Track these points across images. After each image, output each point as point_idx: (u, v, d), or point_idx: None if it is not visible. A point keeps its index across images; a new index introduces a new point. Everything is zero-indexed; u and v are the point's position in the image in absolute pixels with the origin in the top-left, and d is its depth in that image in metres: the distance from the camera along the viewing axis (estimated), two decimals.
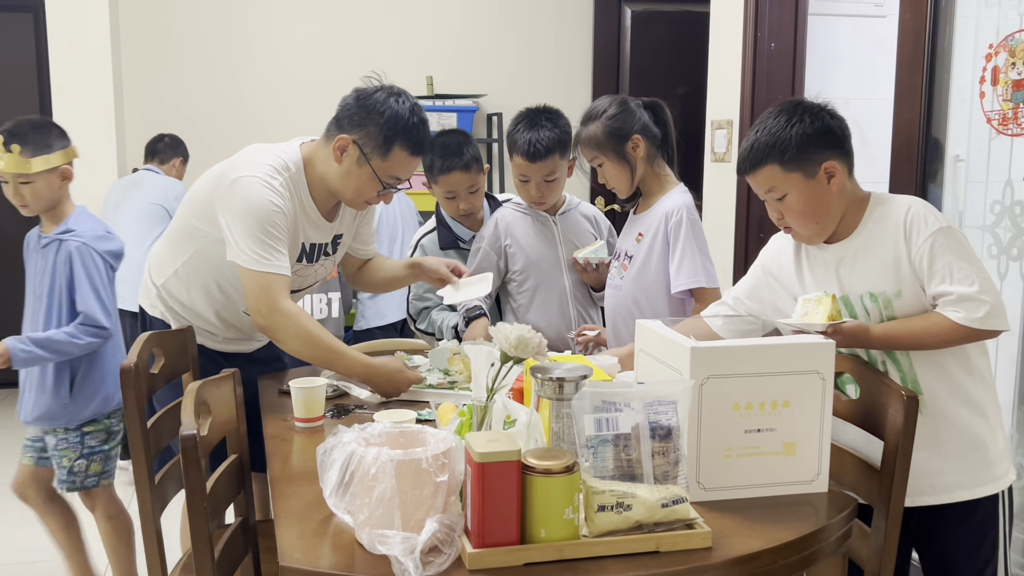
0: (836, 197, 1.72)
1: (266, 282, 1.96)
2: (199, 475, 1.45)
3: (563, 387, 1.41)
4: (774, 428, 1.49)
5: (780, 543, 1.34)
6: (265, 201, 1.99)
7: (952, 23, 2.45)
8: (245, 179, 2.00)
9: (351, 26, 4.57)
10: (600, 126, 2.27)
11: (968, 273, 1.62)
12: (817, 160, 1.69)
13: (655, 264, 2.27)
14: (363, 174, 2.04)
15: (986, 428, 1.72)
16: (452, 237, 2.68)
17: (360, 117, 2.02)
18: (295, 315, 1.99)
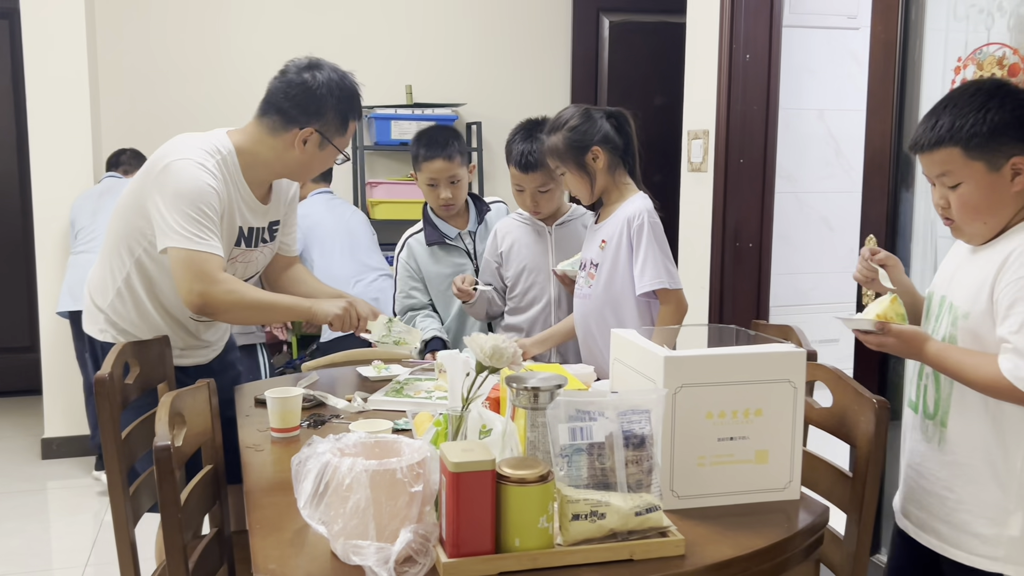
0: (1014, 198, 1.55)
1: (200, 260, 1.96)
2: (173, 486, 1.44)
3: (538, 396, 1.43)
4: (747, 436, 1.50)
5: (752, 550, 1.35)
6: (199, 181, 2.00)
7: (922, 36, 2.49)
8: (177, 162, 2.02)
9: (329, 34, 4.57)
10: (561, 137, 2.32)
11: None
12: (1006, 152, 1.52)
13: (622, 270, 2.30)
14: (325, 155, 2.15)
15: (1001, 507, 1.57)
16: (438, 235, 2.77)
17: (315, 106, 2.10)
18: (229, 283, 2.00)
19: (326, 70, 2.13)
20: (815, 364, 1.80)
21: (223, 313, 2.02)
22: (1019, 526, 1.56)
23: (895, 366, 2.59)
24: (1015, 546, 1.57)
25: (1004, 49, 2.19)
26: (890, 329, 1.60)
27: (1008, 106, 1.52)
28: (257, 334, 3.74)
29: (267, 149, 2.13)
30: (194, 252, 1.95)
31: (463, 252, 2.80)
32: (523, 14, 4.84)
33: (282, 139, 2.11)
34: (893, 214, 2.56)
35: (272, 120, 2.12)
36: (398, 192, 4.44)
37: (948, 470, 1.64)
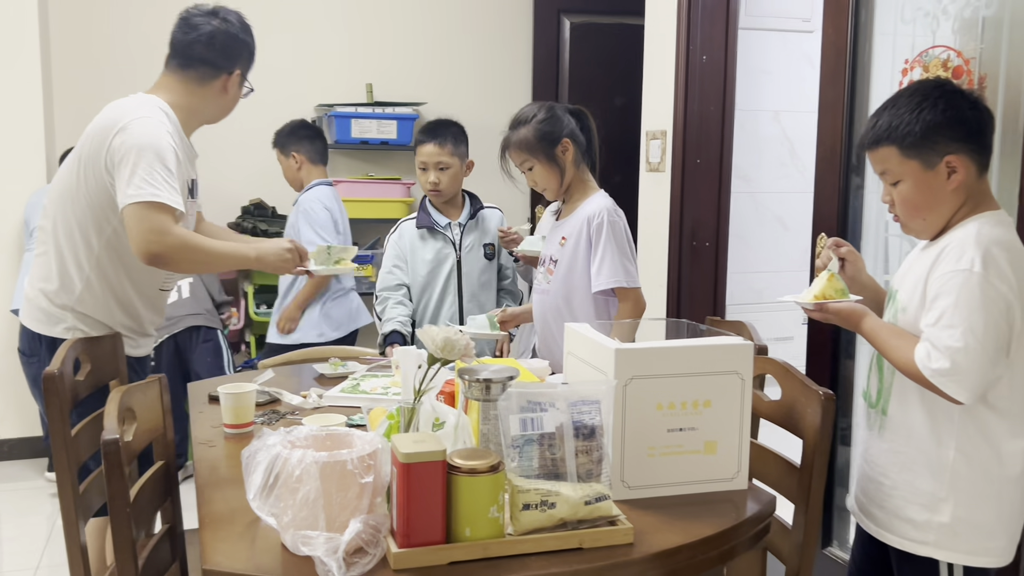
0: (951, 195, 1.59)
1: (159, 210, 1.98)
2: (122, 481, 1.43)
3: (490, 388, 1.44)
4: (696, 427, 1.53)
5: (699, 538, 1.37)
6: (163, 137, 2.05)
7: (871, 39, 2.54)
8: (136, 121, 2.04)
9: (289, 31, 4.54)
10: (531, 129, 2.35)
11: (961, 324, 1.50)
12: (940, 151, 1.57)
13: (580, 267, 2.33)
14: (240, 91, 2.29)
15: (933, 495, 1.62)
16: (428, 220, 2.89)
17: (236, 50, 2.23)
18: (181, 233, 2.03)
19: (229, 12, 2.25)
20: (765, 358, 1.83)
21: (176, 261, 2.05)
22: (949, 513, 1.61)
23: (846, 362, 2.64)
24: (944, 532, 1.61)
25: (949, 52, 2.24)
26: (827, 307, 1.69)
27: (941, 106, 1.57)
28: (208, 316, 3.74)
29: (199, 100, 2.21)
30: (152, 204, 1.97)
31: (448, 241, 2.88)
32: (484, 14, 4.85)
33: (212, 87, 2.21)
34: (844, 213, 2.61)
35: (199, 71, 2.19)
36: (358, 191, 4.43)
37: (886, 457, 1.70)
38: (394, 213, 4.51)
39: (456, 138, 2.87)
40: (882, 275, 2.60)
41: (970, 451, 1.59)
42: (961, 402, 1.53)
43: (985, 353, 1.50)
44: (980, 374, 1.51)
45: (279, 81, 4.50)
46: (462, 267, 2.86)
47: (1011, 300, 1.51)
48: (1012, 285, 1.51)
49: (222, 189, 4.26)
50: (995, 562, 1.62)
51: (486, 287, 2.90)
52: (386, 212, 4.47)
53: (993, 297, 1.50)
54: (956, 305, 1.51)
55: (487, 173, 4.54)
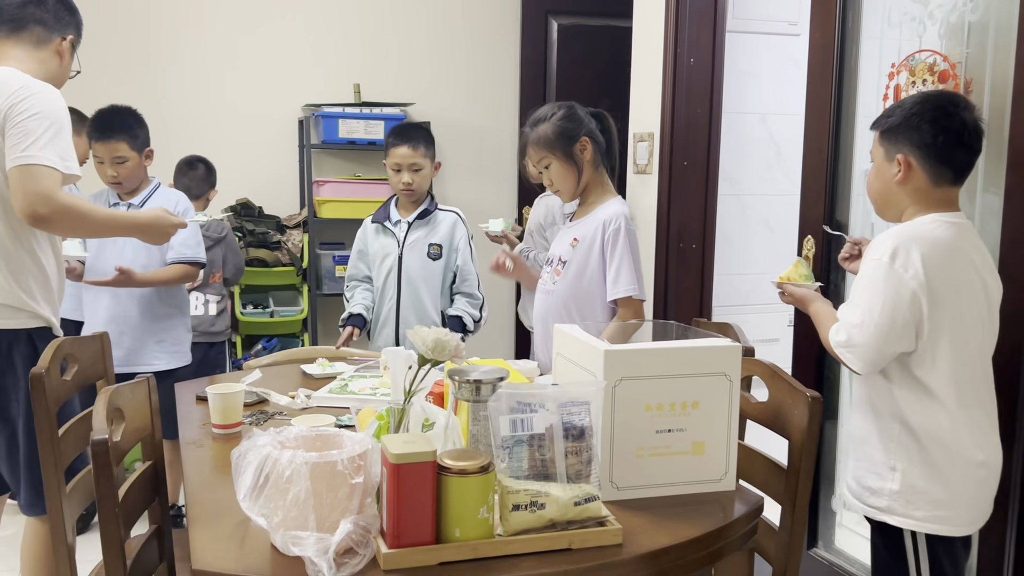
0: (899, 190, 1.80)
1: (54, 178, 1.99)
2: (111, 481, 1.42)
3: (480, 389, 1.44)
4: (684, 428, 1.54)
5: (687, 539, 1.38)
6: (63, 107, 2.07)
7: (858, 42, 2.56)
8: (42, 92, 2.04)
9: (277, 32, 4.53)
10: (550, 126, 2.35)
11: (863, 305, 1.74)
12: (897, 148, 1.79)
13: (591, 272, 2.32)
14: (71, 61, 2.26)
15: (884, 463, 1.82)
16: (383, 216, 3.02)
17: (67, 16, 2.21)
18: (72, 202, 2.04)
19: None
20: (752, 360, 1.84)
21: (62, 229, 2.09)
22: (899, 481, 1.80)
23: (831, 364, 2.66)
24: (896, 499, 1.80)
25: (935, 56, 2.26)
26: (785, 288, 1.99)
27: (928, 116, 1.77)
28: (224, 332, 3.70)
29: (36, 63, 2.16)
30: (52, 170, 1.99)
31: (393, 237, 2.98)
32: (472, 15, 4.85)
33: (46, 50, 2.18)
34: (830, 215, 2.63)
35: (33, 33, 2.16)
36: (345, 191, 4.42)
37: (855, 433, 1.91)
38: None
39: (427, 140, 2.98)
40: None
41: (913, 424, 1.78)
42: (857, 371, 1.80)
43: (879, 331, 1.72)
44: (874, 349, 1.74)
45: (266, 81, 4.49)
46: (402, 263, 2.95)
47: (916, 290, 1.70)
48: (920, 278, 1.70)
49: None
50: (953, 531, 1.78)
51: (429, 286, 2.96)
52: (367, 212, 4.46)
53: (895, 284, 1.70)
54: (864, 289, 1.75)
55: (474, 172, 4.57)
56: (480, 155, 4.85)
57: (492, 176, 4.87)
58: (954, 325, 1.73)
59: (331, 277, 4.41)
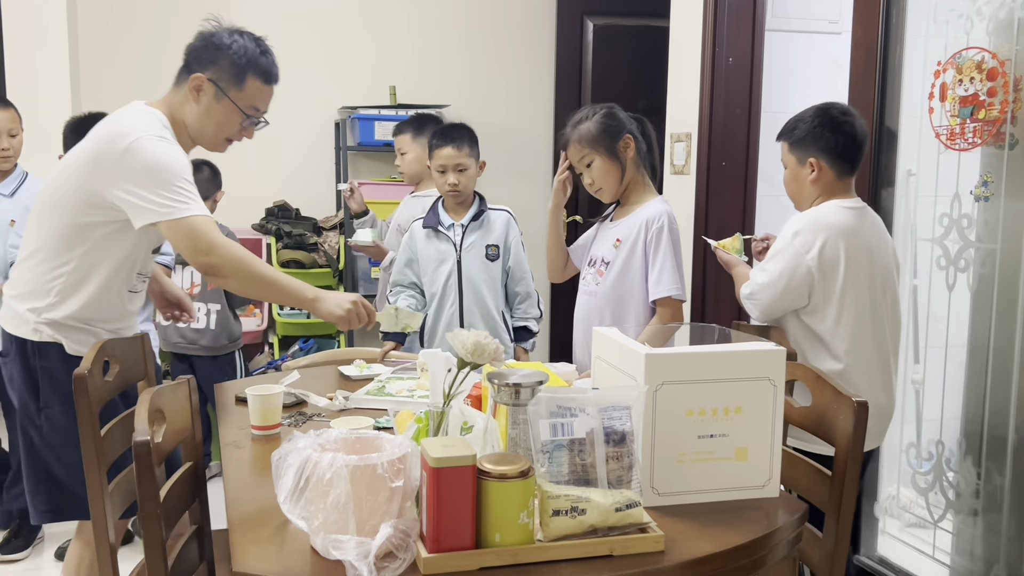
0: (812, 186, 2.24)
1: (197, 225, 1.93)
2: (152, 482, 1.43)
3: (519, 393, 1.43)
4: (726, 434, 1.51)
5: (731, 547, 1.36)
6: (171, 153, 1.98)
7: (902, 40, 2.51)
8: (139, 141, 1.95)
9: (314, 33, 4.56)
10: (594, 124, 2.35)
11: (768, 270, 2.19)
12: (809, 154, 2.22)
13: (635, 272, 2.30)
14: (223, 108, 2.09)
15: None
16: (434, 220, 2.95)
17: (209, 55, 2.08)
18: (236, 253, 1.97)
19: (238, 32, 2.14)
20: (795, 363, 1.82)
21: (228, 276, 1.97)
22: None
23: None
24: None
25: (983, 53, 2.21)
26: (718, 252, 2.38)
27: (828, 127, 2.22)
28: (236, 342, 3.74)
29: (177, 108, 2.10)
30: (190, 218, 1.92)
31: (449, 241, 2.91)
32: (507, 16, 4.85)
33: (183, 92, 2.09)
34: None
35: (179, 77, 2.12)
36: (381, 193, 4.43)
37: None
38: None
39: (471, 140, 2.94)
40: (910, 279, 2.58)
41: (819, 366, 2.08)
42: (755, 319, 2.25)
43: (775, 291, 2.17)
44: (768, 303, 2.20)
45: (303, 84, 4.52)
46: (462, 267, 2.89)
47: (809, 264, 2.14)
48: (813, 254, 2.14)
49: (246, 191, 4.28)
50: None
51: (489, 287, 2.92)
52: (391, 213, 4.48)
53: (793, 257, 2.15)
54: (771, 258, 2.19)
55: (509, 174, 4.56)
56: (515, 157, 4.83)
57: (526, 178, 4.86)
58: (843, 289, 2.15)
59: (367, 278, 4.43)
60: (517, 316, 2.97)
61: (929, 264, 2.48)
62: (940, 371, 2.52)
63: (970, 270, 2.34)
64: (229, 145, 2.20)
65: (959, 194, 2.36)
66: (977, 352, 2.37)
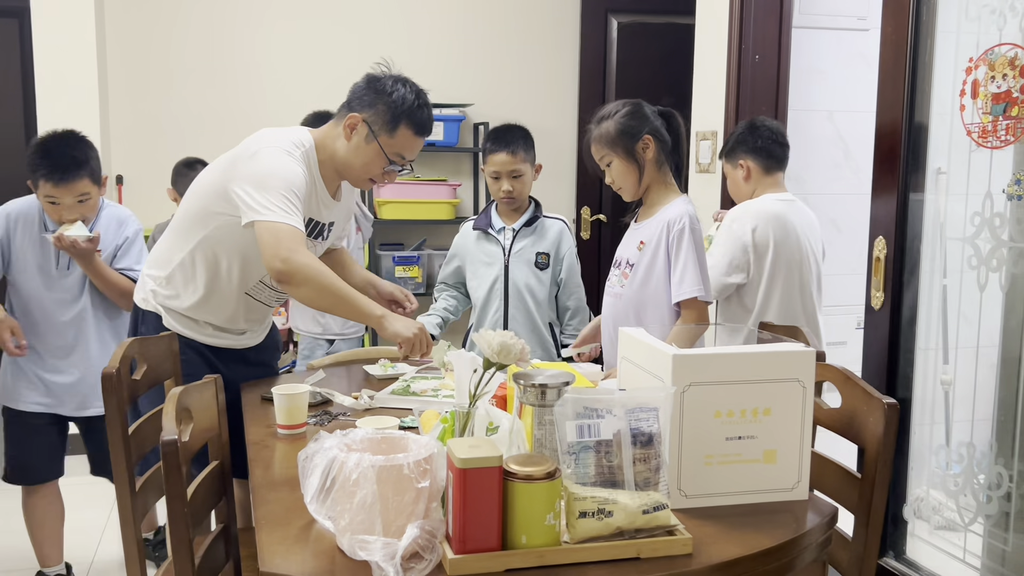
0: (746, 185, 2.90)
1: (285, 231, 1.99)
2: (180, 481, 1.44)
3: (545, 394, 1.42)
4: (755, 436, 1.50)
5: (760, 550, 1.34)
6: (289, 167, 2.08)
7: (933, 36, 2.47)
8: (266, 150, 2.09)
9: (338, 34, 4.57)
10: (613, 123, 2.30)
11: (713, 254, 2.74)
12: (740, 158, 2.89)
13: (658, 274, 2.27)
14: (370, 150, 2.16)
15: None
16: (485, 223, 2.91)
17: (370, 98, 2.15)
18: (312, 263, 2.01)
19: (403, 81, 2.19)
20: (824, 364, 1.79)
21: (299, 285, 2.00)
22: None
23: (904, 369, 2.58)
24: None
25: (1016, 49, 2.17)
26: None
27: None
28: None
29: (329, 139, 2.20)
30: (282, 223, 1.99)
31: (498, 245, 2.88)
32: (531, 14, 4.84)
33: (339, 127, 2.18)
34: (903, 216, 2.55)
35: (340, 112, 2.21)
36: (405, 192, 4.44)
37: None
38: (440, 214, 4.52)
39: (526, 144, 2.85)
40: (940, 278, 2.54)
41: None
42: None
43: (720, 270, 2.75)
44: (718, 284, 2.74)
45: (327, 82, 4.53)
46: (509, 272, 2.85)
47: (746, 244, 2.76)
48: (747, 237, 2.76)
49: None
50: None
51: (536, 296, 2.86)
52: (432, 213, 4.49)
53: (731, 240, 2.76)
54: (715, 247, 2.76)
55: None
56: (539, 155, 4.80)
57: (551, 176, 4.84)
58: (773, 268, 2.71)
59: (391, 278, 4.44)
60: (567, 332, 2.92)
61: (960, 264, 2.44)
62: (971, 372, 2.48)
63: (1002, 270, 2.30)
64: (373, 185, 2.29)
65: (991, 193, 2.32)
66: (1010, 353, 2.33)
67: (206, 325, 2.25)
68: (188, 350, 2.21)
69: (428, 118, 2.21)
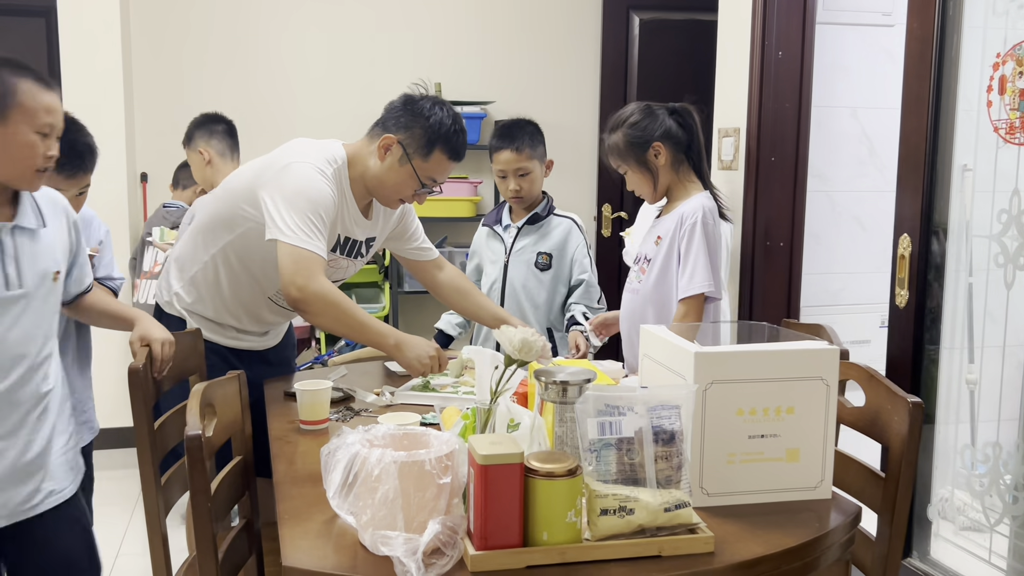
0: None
1: (306, 257, 2.00)
2: (203, 476, 1.45)
3: (567, 391, 1.42)
4: (778, 434, 1.49)
5: (782, 549, 1.34)
6: (318, 186, 2.07)
7: (959, 32, 2.44)
8: (298, 164, 2.08)
9: (361, 31, 4.59)
10: (621, 135, 2.28)
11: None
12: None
13: (673, 268, 2.25)
14: (403, 172, 2.15)
15: None
16: (493, 220, 2.86)
17: (406, 120, 2.15)
18: (326, 292, 2.01)
19: (440, 103, 2.18)
20: (847, 363, 1.78)
21: (315, 313, 2.03)
22: None
23: (928, 367, 2.56)
24: None
25: None
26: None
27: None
28: None
29: (362, 157, 2.18)
30: (302, 249, 2.00)
31: (501, 242, 2.83)
32: (553, 11, 4.83)
33: (373, 146, 2.17)
34: (928, 214, 2.52)
35: (374, 130, 2.20)
36: None
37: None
38: (461, 212, 4.52)
39: (533, 139, 2.75)
40: (966, 276, 2.51)
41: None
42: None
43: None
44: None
45: (348, 81, 4.55)
46: (507, 271, 2.79)
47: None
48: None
49: None
50: None
51: (533, 299, 2.77)
52: (453, 211, 4.49)
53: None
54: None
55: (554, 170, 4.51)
56: (560, 153, 4.80)
57: (572, 173, 4.84)
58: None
59: (411, 276, 4.44)
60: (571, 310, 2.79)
61: (986, 261, 2.42)
62: (997, 371, 2.45)
63: None
64: (401, 204, 2.29)
65: (1018, 190, 2.29)
66: None
67: (229, 328, 2.27)
68: (211, 355, 2.23)
69: (463, 144, 2.20)
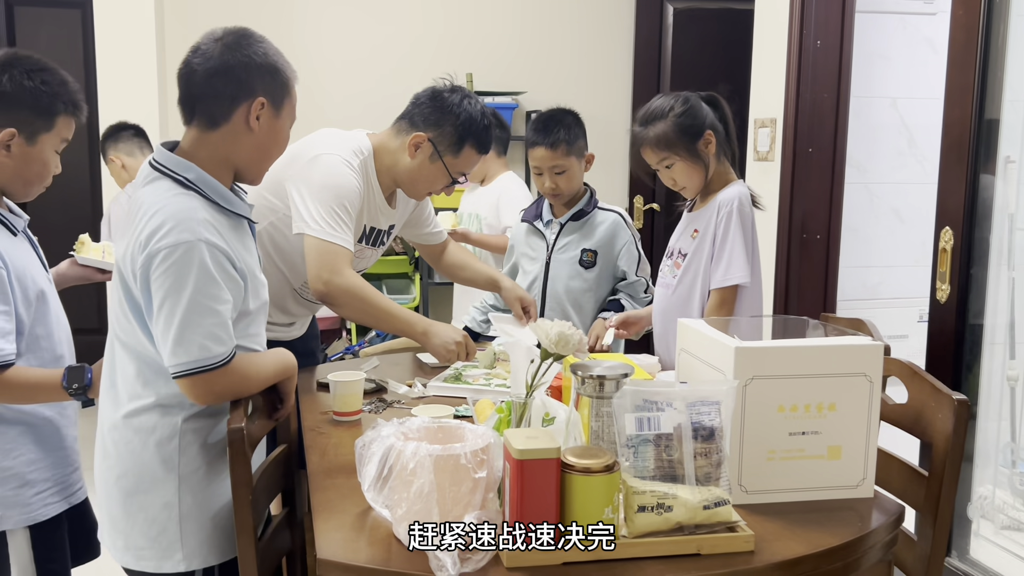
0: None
1: (332, 251, 2.02)
2: (246, 468, 1.45)
3: (604, 385, 1.39)
4: (819, 431, 1.46)
5: (824, 548, 1.31)
6: (346, 178, 2.08)
7: (1007, 20, 2.38)
8: (326, 156, 2.09)
9: (393, 22, 4.58)
10: (670, 124, 2.14)
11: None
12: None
13: (708, 261, 2.17)
14: (434, 169, 2.17)
15: None
16: (533, 215, 2.75)
17: (436, 116, 2.15)
18: (353, 285, 2.04)
19: (468, 96, 2.18)
20: (890, 358, 1.74)
21: (342, 305, 2.07)
22: None
23: (970, 363, 2.50)
24: None
25: None
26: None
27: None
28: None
29: (390, 152, 2.19)
30: (328, 243, 2.02)
31: (542, 239, 2.69)
32: (585, 1, 4.79)
33: (402, 142, 2.17)
34: (970, 206, 2.46)
35: (401, 124, 2.20)
36: None
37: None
38: None
39: (569, 137, 2.58)
40: (1007, 270, 2.46)
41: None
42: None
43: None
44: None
45: (380, 72, 4.55)
46: (549, 270, 2.65)
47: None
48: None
49: None
50: None
51: (576, 300, 2.64)
52: None
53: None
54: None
55: None
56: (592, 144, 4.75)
57: (605, 165, 4.78)
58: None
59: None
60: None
61: None
62: None
63: None
64: (428, 195, 2.31)
65: None
66: None
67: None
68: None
69: (491, 136, 2.22)
